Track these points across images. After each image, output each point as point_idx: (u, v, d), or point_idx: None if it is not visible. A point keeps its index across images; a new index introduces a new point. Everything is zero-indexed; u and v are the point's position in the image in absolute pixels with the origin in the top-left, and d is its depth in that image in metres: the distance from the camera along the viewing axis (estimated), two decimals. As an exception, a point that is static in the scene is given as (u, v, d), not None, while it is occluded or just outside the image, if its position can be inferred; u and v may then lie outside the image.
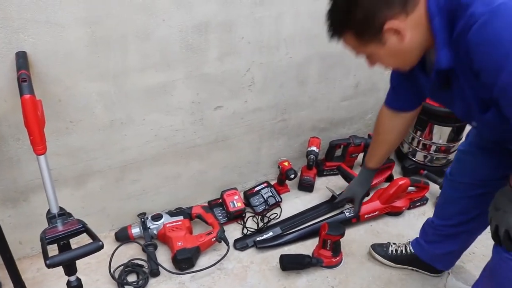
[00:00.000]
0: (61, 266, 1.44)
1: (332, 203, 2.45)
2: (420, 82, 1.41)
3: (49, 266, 1.30)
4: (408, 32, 1.15)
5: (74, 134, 1.85)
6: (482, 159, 1.57)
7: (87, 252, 1.36)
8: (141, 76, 1.84)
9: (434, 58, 1.20)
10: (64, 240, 1.46)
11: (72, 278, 1.54)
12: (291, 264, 2.09)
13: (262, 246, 2.18)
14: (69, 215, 1.56)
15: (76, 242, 1.47)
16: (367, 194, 2.03)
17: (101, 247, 1.37)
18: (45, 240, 1.39)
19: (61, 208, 1.56)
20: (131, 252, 2.14)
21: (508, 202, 1.30)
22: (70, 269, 1.51)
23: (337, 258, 2.09)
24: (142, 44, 1.76)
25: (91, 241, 1.39)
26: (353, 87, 2.57)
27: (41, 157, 1.47)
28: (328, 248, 2.06)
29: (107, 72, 1.77)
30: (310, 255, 2.11)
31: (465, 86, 1.21)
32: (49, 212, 1.54)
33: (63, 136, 1.84)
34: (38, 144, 1.45)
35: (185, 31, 1.82)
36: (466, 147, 1.68)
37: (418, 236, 2.05)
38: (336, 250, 2.07)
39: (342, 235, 2.02)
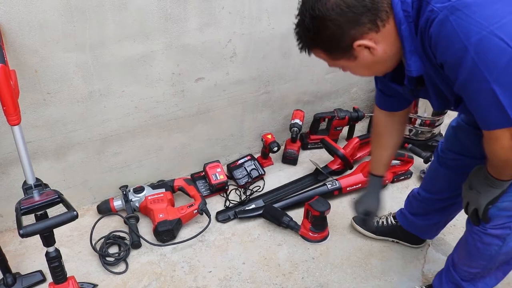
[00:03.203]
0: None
1: (317, 178, 2.46)
2: (395, 88, 1.40)
3: (22, 235, 1.30)
4: (380, 45, 1.14)
5: (52, 105, 1.83)
6: (473, 136, 1.55)
7: (61, 221, 1.36)
8: (119, 46, 1.82)
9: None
10: (40, 210, 1.47)
11: (51, 249, 1.53)
12: (269, 214, 2.13)
13: (243, 216, 2.19)
14: (46, 186, 1.55)
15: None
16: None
17: (76, 216, 1.36)
18: (20, 211, 1.38)
19: (37, 179, 1.55)
20: (114, 224, 2.14)
21: (483, 184, 1.32)
22: (48, 240, 1.50)
23: (316, 235, 2.09)
24: (119, 14, 1.73)
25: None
26: (338, 60, 2.54)
27: (16, 128, 1.46)
28: (309, 220, 2.06)
29: (84, 42, 1.74)
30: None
31: (438, 82, 1.21)
32: (25, 183, 1.54)
33: (40, 108, 1.82)
34: (12, 115, 1.44)
35: (163, 0, 1.79)
36: (457, 123, 1.66)
37: (402, 208, 2.06)
38: (316, 225, 2.07)
39: (321, 212, 2.01)
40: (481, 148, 1.23)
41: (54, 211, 1.48)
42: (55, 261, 1.55)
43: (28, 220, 1.50)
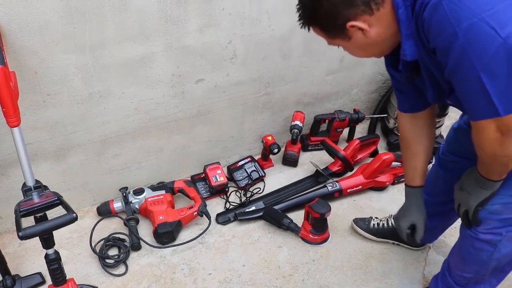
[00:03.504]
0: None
1: (318, 180, 2.46)
2: (394, 76, 1.40)
3: (22, 237, 1.30)
4: (373, 28, 1.16)
5: (51, 107, 1.82)
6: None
7: (60, 223, 1.35)
8: (119, 48, 1.81)
9: None
10: (40, 212, 1.46)
11: (50, 251, 1.53)
12: (269, 216, 2.13)
13: (243, 218, 2.19)
14: (45, 187, 1.55)
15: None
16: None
17: (75, 219, 1.36)
18: (19, 212, 1.38)
19: (37, 181, 1.54)
20: (113, 226, 2.14)
21: (473, 185, 1.33)
22: (48, 242, 1.50)
23: (316, 237, 2.08)
24: (119, 15, 1.73)
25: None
26: (338, 61, 2.54)
27: (15, 129, 1.46)
28: (309, 222, 2.06)
29: (84, 44, 1.73)
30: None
31: (432, 68, 1.21)
32: (24, 185, 1.53)
33: (40, 109, 1.81)
34: (11, 116, 1.43)
35: (163, 2, 1.78)
36: (459, 125, 1.64)
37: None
38: (317, 227, 2.06)
39: (321, 214, 2.00)
40: None
41: (54, 213, 1.47)
42: (54, 263, 1.55)
43: (28, 222, 1.49)
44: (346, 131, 2.75)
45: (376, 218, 2.15)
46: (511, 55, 0.99)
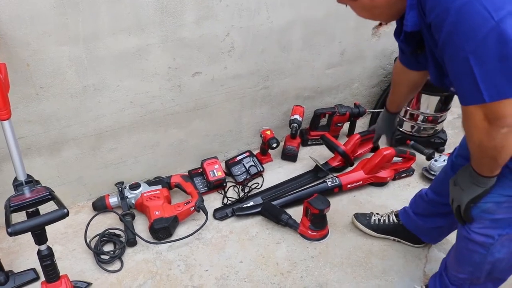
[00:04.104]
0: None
1: (317, 175, 2.43)
2: (400, 47, 1.40)
3: (11, 234, 1.27)
4: None
5: (45, 100, 1.79)
6: None
7: (50, 219, 1.33)
8: (113, 40, 1.77)
9: None
10: (31, 207, 1.43)
11: (43, 247, 1.50)
12: (267, 212, 2.10)
13: (241, 213, 2.16)
14: (37, 182, 1.52)
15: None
16: (395, 132, 2.03)
17: (66, 214, 1.33)
18: (9, 208, 1.35)
19: (28, 176, 1.51)
20: (109, 221, 2.11)
21: (467, 180, 1.31)
22: (40, 237, 1.47)
23: (315, 233, 2.05)
24: (113, 6, 1.69)
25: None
26: (338, 55, 2.50)
27: (6, 123, 1.43)
28: (308, 218, 2.03)
29: (77, 36, 1.70)
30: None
31: (431, 44, 1.18)
32: (15, 179, 1.50)
33: (33, 103, 1.77)
34: (1, 109, 1.40)
35: (159, -8, 1.75)
36: None
37: (406, 206, 2.02)
38: (316, 223, 2.03)
39: (321, 210, 1.97)
40: None
41: (49, 208, 1.44)
42: (47, 259, 1.52)
43: (23, 217, 1.46)
44: (346, 125, 2.72)
45: (377, 214, 2.11)
46: (502, 39, 0.96)
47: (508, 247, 1.36)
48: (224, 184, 2.32)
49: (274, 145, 2.35)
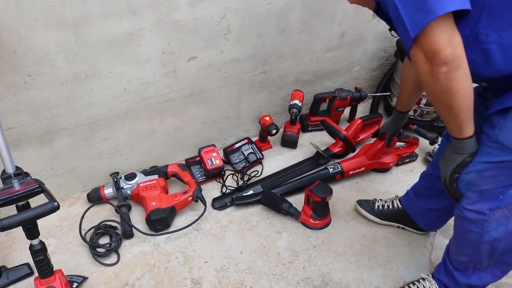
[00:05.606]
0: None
1: (318, 161, 2.37)
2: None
3: (-2, 229, 1.20)
4: None
5: (34, 88, 1.71)
6: (478, 107, 1.49)
7: (40, 213, 1.27)
8: (104, 24, 1.69)
9: None
10: (20, 201, 1.37)
11: (35, 242, 1.45)
12: (267, 201, 2.07)
13: (240, 202, 2.11)
14: (26, 174, 1.46)
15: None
16: (399, 132, 2.07)
17: (56, 208, 1.27)
18: (-3, 202, 1.29)
19: (17, 168, 1.45)
20: (105, 213, 2.06)
21: (449, 150, 1.33)
22: (31, 232, 1.41)
23: (317, 222, 2.00)
24: (102, -13, 1.61)
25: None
26: (338, 37, 2.42)
27: (-9, 113, 1.35)
28: (310, 206, 1.98)
29: (66, 20, 1.61)
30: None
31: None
32: (4, 172, 1.44)
33: (21, 91, 1.70)
34: (-14, 98, 1.33)
35: (150, -27, 1.67)
36: None
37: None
38: (318, 211, 1.98)
39: (322, 198, 1.93)
40: (481, 121, 1.25)
41: (44, 201, 1.38)
42: (39, 254, 1.46)
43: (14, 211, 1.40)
44: (347, 110, 2.67)
45: (381, 200, 2.07)
46: None
47: (506, 225, 1.34)
48: (223, 173, 2.27)
49: (274, 131, 2.29)
